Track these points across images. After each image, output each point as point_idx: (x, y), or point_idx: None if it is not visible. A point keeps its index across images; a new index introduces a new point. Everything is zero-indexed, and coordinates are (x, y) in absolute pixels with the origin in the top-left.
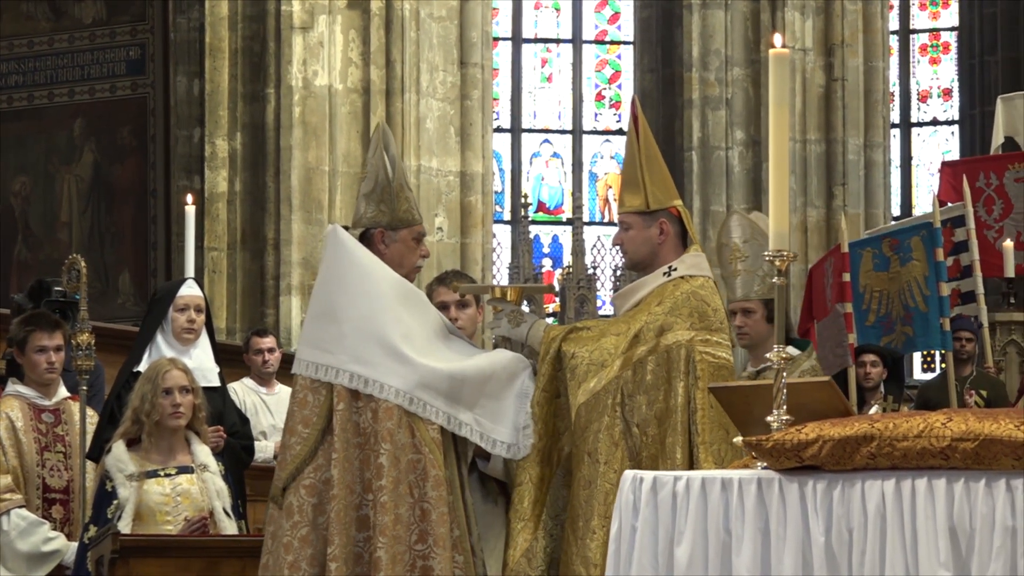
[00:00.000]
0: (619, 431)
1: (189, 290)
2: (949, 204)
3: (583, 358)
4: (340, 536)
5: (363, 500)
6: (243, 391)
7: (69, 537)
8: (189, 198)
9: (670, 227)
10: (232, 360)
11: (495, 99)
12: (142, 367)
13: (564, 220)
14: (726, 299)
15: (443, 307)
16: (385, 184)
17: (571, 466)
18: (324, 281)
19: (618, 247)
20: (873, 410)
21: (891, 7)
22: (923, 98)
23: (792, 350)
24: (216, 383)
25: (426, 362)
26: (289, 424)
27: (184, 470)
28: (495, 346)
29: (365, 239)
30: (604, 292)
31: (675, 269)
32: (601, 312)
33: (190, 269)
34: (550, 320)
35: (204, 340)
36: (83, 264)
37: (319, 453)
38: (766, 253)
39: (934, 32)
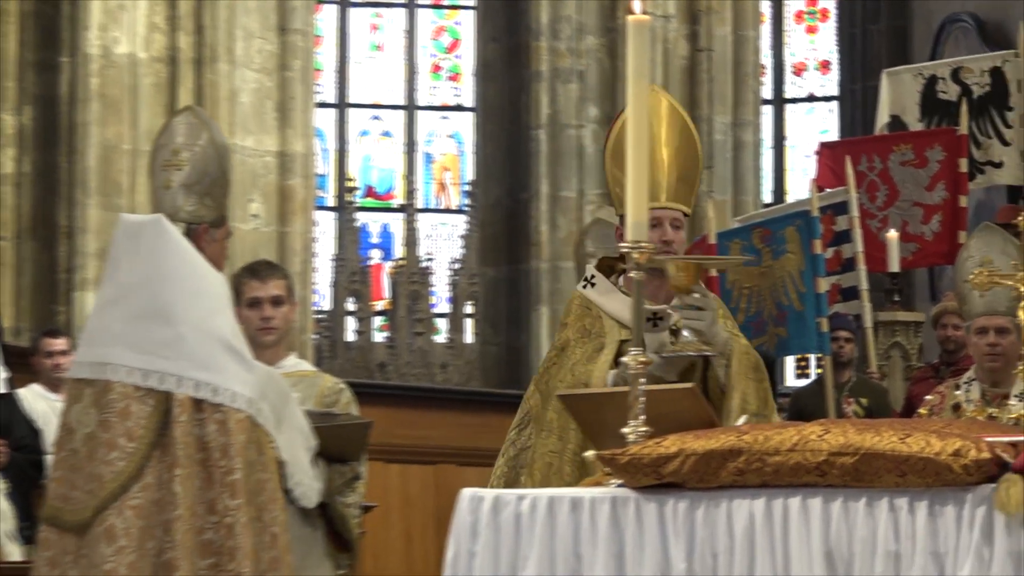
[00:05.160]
0: None
1: None
2: (828, 190)
3: None
4: (186, 562)
5: (206, 523)
6: (32, 398)
7: None
8: None
9: None
10: (18, 364)
11: (318, 70)
12: None
13: (395, 206)
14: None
15: (255, 304)
16: (216, 177)
17: None
18: (147, 277)
19: (664, 244)
20: (741, 420)
21: None
22: (798, 71)
23: None
24: (3, 390)
25: (259, 364)
26: (106, 437)
27: None
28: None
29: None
30: (439, 287)
31: None
32: (435, 310)
33: None
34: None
35: None
36: None
37: (147, 470)
38: (622, 245)
39: None
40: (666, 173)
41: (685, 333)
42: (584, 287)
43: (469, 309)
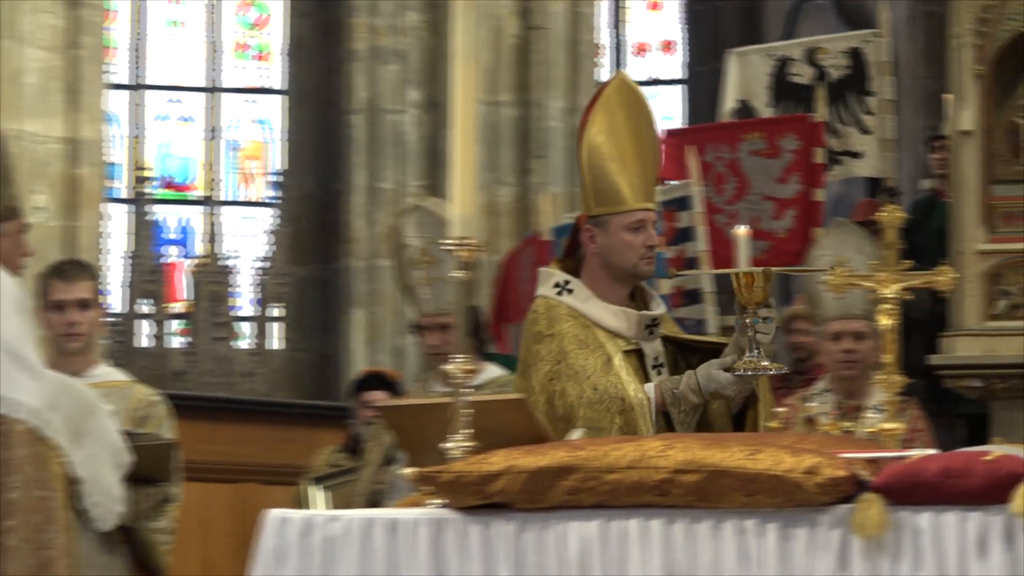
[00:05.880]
0: None
1: None
2: (670, 183)
3: None
4: None
5: None
6: None
7: None
8: None
9: None
10: None
11: (111, 48)
12: None
13: (195, 199)
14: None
15: (58, 307)
16: None
17: None
18: None
19: (649, 249)
20: (575, 434)
21: None
22: (640, 52)
23: (495, 369)
24: None
25: (51, 372)
26: None
27: None
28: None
29: None
30: (244, 288)
31: None
32: (239, 313)
33: None
34: None
35: None
36: None
37: None
38: (447, 242)
39: None
40: (643, 171)
41: (754, 348)
42: (560, 293)
43: (276, 312)
